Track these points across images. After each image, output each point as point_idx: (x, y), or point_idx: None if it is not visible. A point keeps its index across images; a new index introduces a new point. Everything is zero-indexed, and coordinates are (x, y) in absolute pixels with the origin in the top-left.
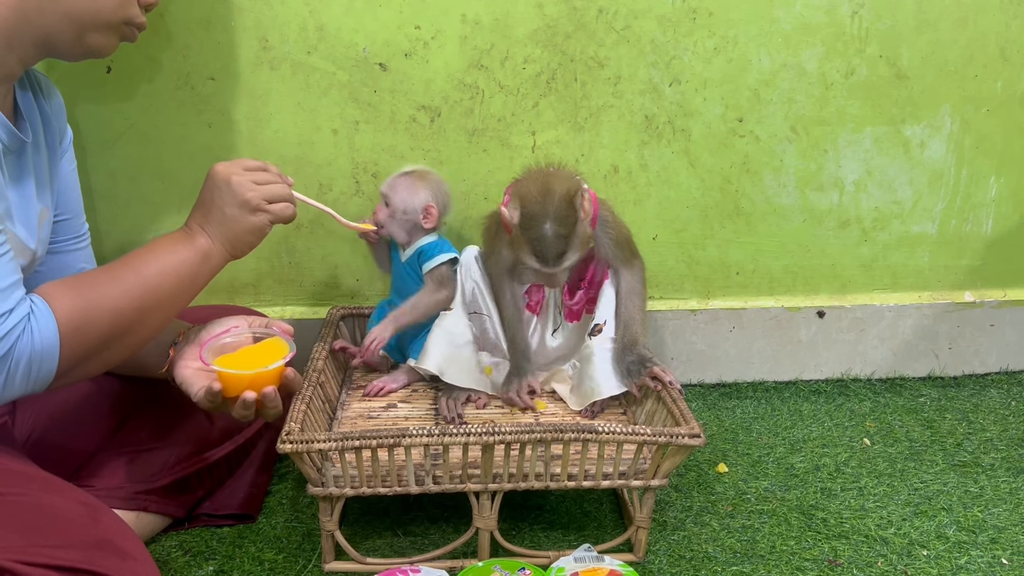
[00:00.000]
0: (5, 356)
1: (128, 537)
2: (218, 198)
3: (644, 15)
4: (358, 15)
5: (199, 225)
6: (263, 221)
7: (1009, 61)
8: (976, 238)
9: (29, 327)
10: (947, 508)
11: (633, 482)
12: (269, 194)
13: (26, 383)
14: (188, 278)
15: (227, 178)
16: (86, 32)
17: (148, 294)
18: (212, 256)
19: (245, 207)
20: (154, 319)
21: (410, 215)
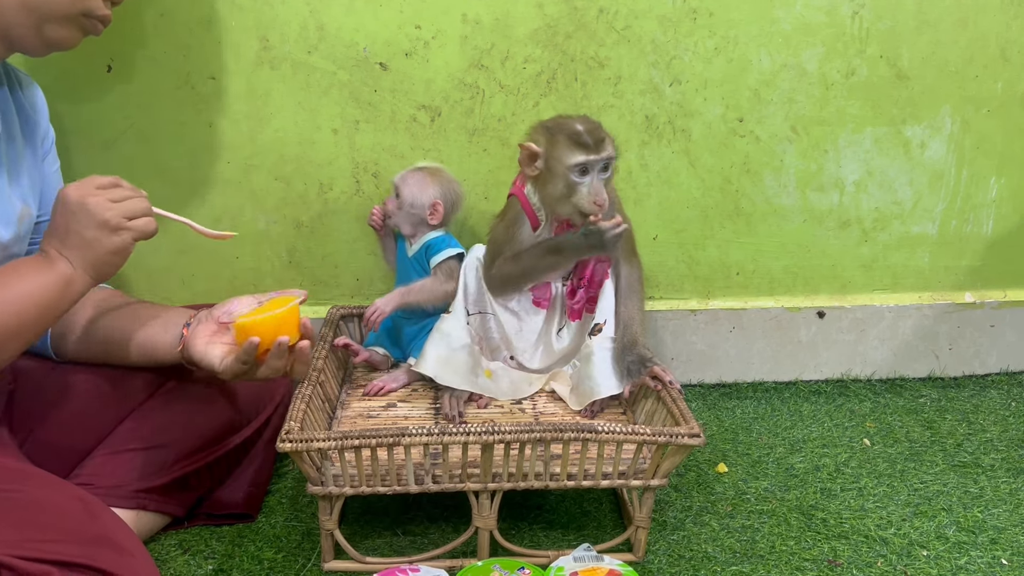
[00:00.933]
0: None
1: (125, 533)
2: (74, 222)
3: (645, 15)
4: (359, 15)
5: (57, 251)
6: (125, 240)
7: (1009, 62)
8: (976, 239)
9: None
10: (947, 508)
11: (633, 482)
12: (128, 211)
13: None
14: (49, 306)
15: (82, 200)
16: (44, 23)
17: (7, 320)
18: (74, 283)
19: (104, 227)
20: (12, 345)
21: (417, 210)
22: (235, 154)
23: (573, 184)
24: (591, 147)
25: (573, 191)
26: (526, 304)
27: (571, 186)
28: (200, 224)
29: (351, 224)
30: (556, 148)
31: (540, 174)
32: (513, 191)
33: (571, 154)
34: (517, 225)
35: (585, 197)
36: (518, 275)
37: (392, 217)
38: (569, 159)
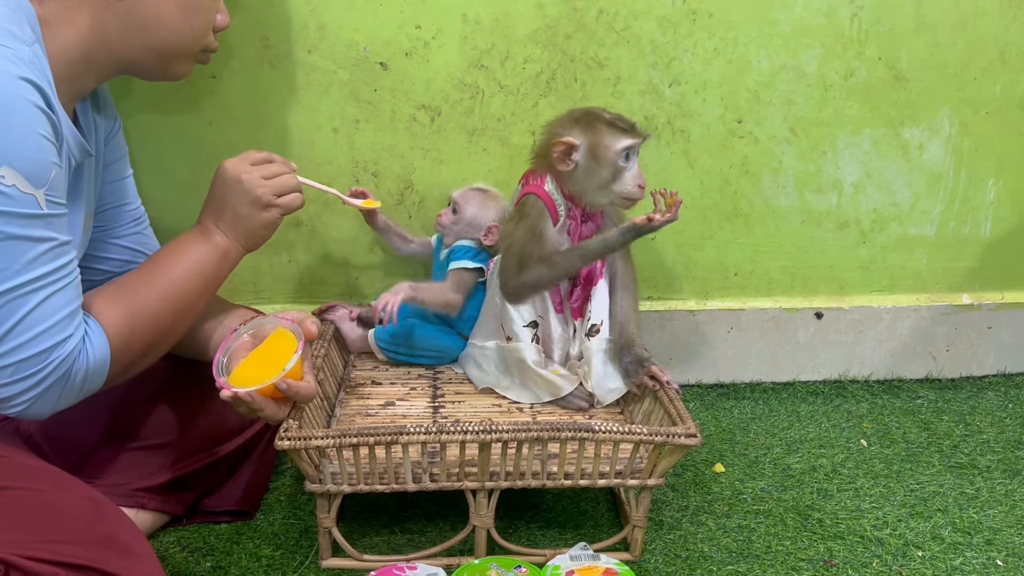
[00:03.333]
0: (63, 377)
1: (132, 534)
2: (230, 196)
3: (644, 16)
4: (359, 14)
5: (213, 223)
6: (274, 216)
7: (1008, 64)
8: (974, 240)
9: (84, 349)
10: (943, 509)
11: (629, 481)
12: (278, 187)
13: (79, 395)
14: (210, 277)
15: (237, 176)
16: (168, 62)
17: (179, 297)
18: (230, 253)
19: (256, 204)
20: (185, 320)
21: (474, 229)
22: (235, 152)
23: (619, 170)
24: (634, 131)
25: (617, 177)
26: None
27: (617, 172)
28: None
29: (350, 223)
30: (600, 136)
31: (575, 167)
32: (530, 190)
33: (618, 139)
34: (541, 224)
35: (629, 182)
36: (550, 279)
37: (443, 228)
38: (617, 144)
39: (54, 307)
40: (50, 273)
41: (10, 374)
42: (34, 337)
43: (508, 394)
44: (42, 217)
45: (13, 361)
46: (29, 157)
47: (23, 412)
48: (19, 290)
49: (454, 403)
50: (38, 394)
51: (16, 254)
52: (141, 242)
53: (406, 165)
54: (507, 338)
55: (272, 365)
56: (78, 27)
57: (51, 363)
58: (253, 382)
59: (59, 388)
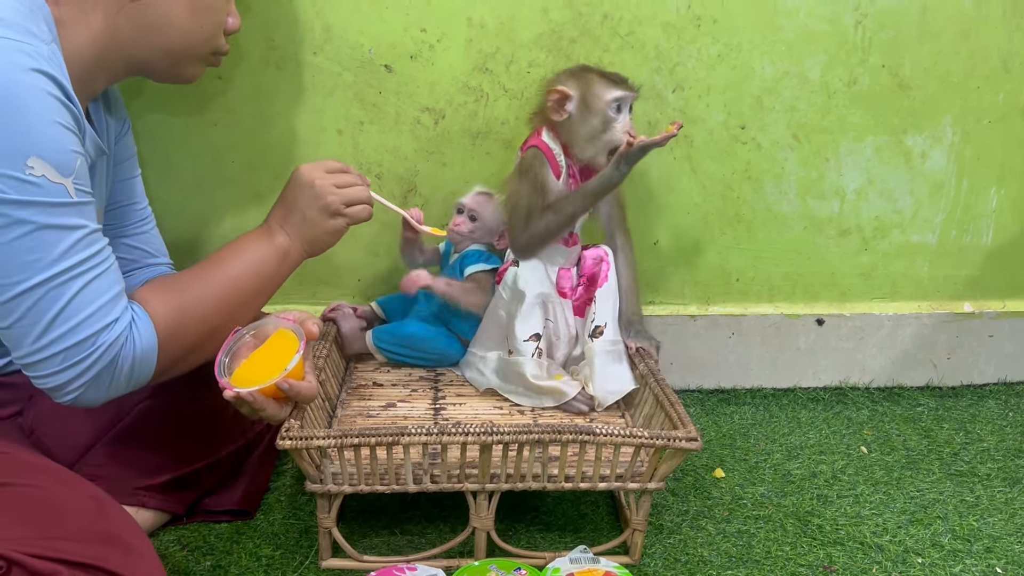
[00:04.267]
0: (111, 363)
1: (134, 532)
2: (300, 199)
3: (649, 21)
4: (364, 17)
5: (279, 224)
6: (341, 224)
7: (1011, 73)
8: (976, 249)
9: (131, 335)
10: (943, 517)
11: (630, 484)
12: (349, 198)
13: (128, 383)
14: (269, 276)
15: (311, 181)
16: (180, 64)
17: (234, 294)
18: (291, 255)
19: (325, 211)
20: (239, 317)
21: (491, 233)
22: (239, 153)
23: (608, 120)
24: (625, 83)
25: (607, 127)
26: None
27: (607, 122)
28: None
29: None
30: (592, 86)
31: (568, 117)
32: (531, 143)
33: (609, 90)
34: (543, 175)
35: (619, 132)
36: (560, 225)
37: (460, 237)
38: (608, 95)
39: (95, 293)
40: (87, 260)
41: (60, 362)
42: (79, 323)
43: (510, 397)
44: (73, 205)
45: (61, 349)
46: (55, 147)
47: (76, 400)
48: (58, 278)
49: (455, 405)
50: (88, 381)
51: (51, 243)
52: (148, 242)
53: (410, 167)
54: (509, 351)
55: (274, 365)
56: (91, 28)
57: (98, 348)
58: (255, 382)
59: (108, 375)
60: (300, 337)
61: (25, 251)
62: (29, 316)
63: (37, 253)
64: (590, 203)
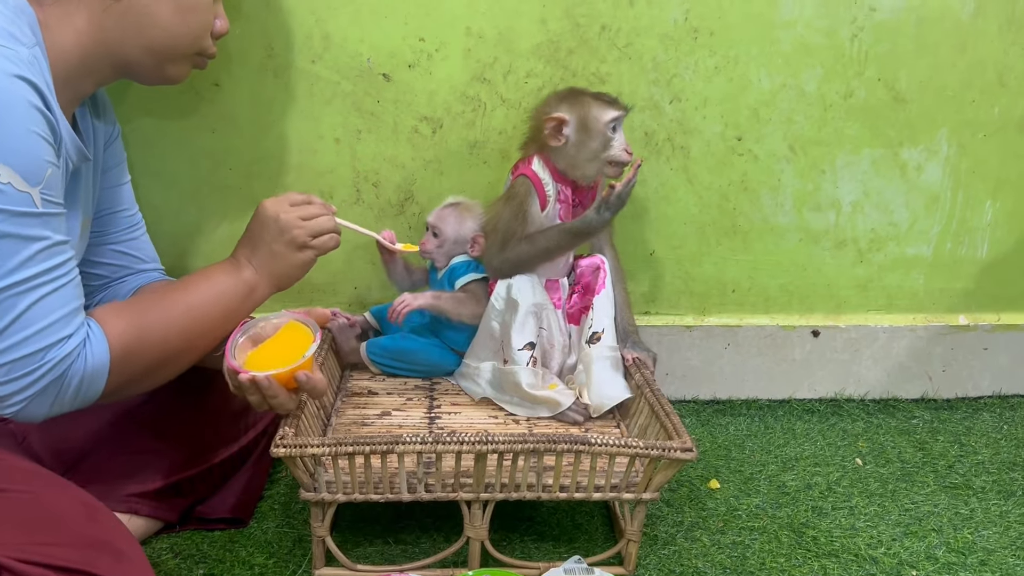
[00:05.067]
0: (59, 378)
1: (125, 538)
2: (266, 234)
3: (646, 33)
4: (363, 26)
5: (246, 259)
6: (309, 257)
7: (1006, 87)
8: (971, 262)
9: (84, 352)
10: (937, 529)
11: (625, 495)
12: (315, 229)
13: (73, 401)
14: (233, 309)
15: (275, 215)
16: (164, 64)
17: (195, 323)
18: (257, 290)
19: (292, 244)
20: (198, 347)
21: (459, 245)
22: (237, 160)
23: (607, 140)
24: (618, 103)
25: (607, 146)
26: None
27: (606, 141)
28: None
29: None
30: (588, 109)
31: (566, 143)
32: (522, 171)
33: (606, 111)
34: (528, 204)
35: (617, 148)
36: (533, 256)
37: (430, 255)
38: (606, 116)
39: (50, 307)
40: (45, 272)
41: (5, 373)
42: (29, 336)
43: (505, 406)
44: (37, 215)
45: (8, 360)
46: (25, 155)
47: (17, 414)
48: (13, 289)
49: (450, 414)
50: (32, 395)
51: (10, 252)
52: (137, 248)
53: (407, 176)
54: (504, 360)
55: (286, 355)
56: (77, 29)
57: (47, 363)
58: (269, 368)
59: (54, 391)
60: (315, 330)
61: None
62: None
63: None
64: (567, 242)
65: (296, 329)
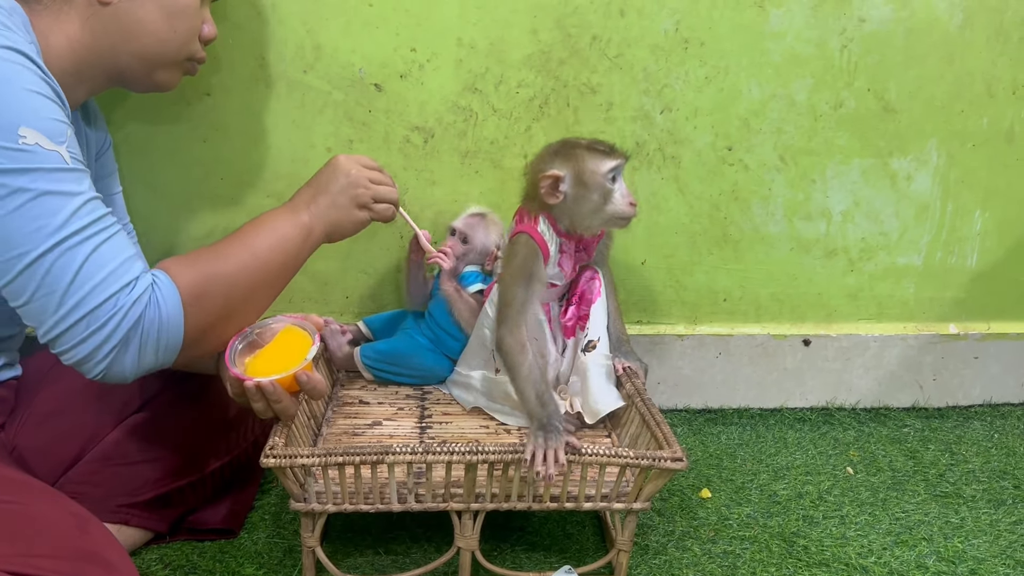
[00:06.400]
0: (136, 325)
1: (114, 549)
2: (333, 184)
3: (637, 43)
4: (355, 36)
5: (304, 204)
6: (365, 217)
7: (995, 98)
8: (961, 271)
9: (154, 297)
10: (928, 538)
11: (615, 505)
12: (379, 194)
13: (157, 351)
14: (293, 253)
15: (347, 170)
16: (154, 70)
17: (259, 266)
18: (313, 234)
19: (354, 200)
20: (264, 292)
21: (483, 254)
22: (228, 170)
23: (608, 191)
24: (614, 152)
25: (608, 198)
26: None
27: (606, 194)
28: None
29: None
30: (584, 163)
31: (564, 199)
32: (521, 229)
33: (602, 163)
34: (531, 263)
35: (619, 201)
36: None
37: (450, 260)
38: (603, 167)
39: (108, 255)
40: (93, 223)
41: (83, 330)
42: (96, 287)
43: (496, 416)
44: (71, 171)
45: (82, 315)
46: (43, 116)
47: (106, 372)
48: (66, 243)
49: (441, 424)
50: (114, 347)
51: (53, 209)
52: None
53: (399, 186)
54: (495, 370)
55: (287, 359)
56: (68, 36)
57: (120, 310)
58: (271, 374)
59: (136, 340)
60: (312, 332)
61: (28, 219)
62: (44, 287)
63: (40, 220)
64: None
65: (294, 333)
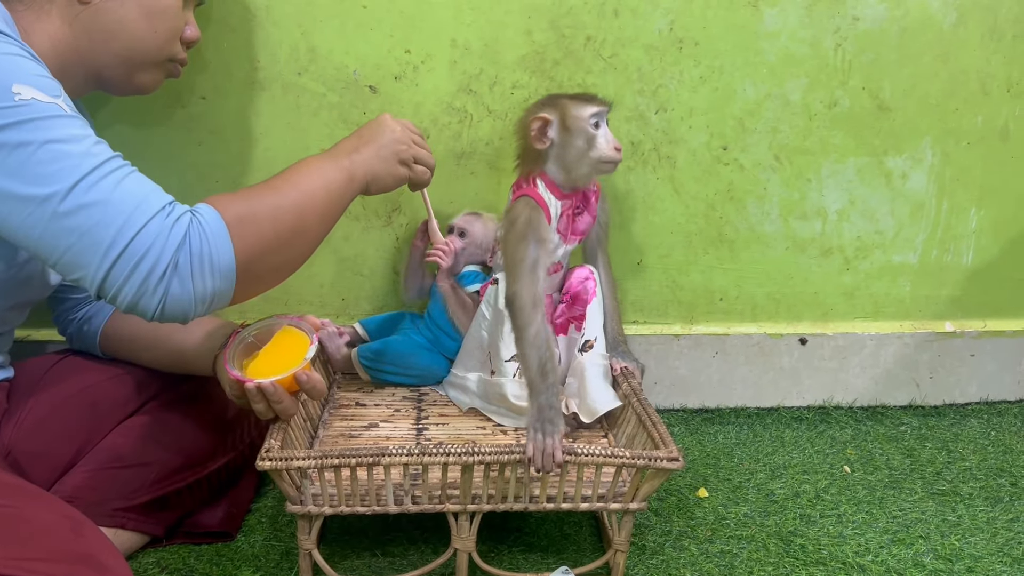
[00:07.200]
0: (181, 245)
1: (110, 552)
2: (379, 137)
3: (631, 44)
4: (349, 38)
5: (347, 152)
6: (404, 174)
7: (989, 96)
8: (957, 269)
9: (195, 220)
10: (925, 536)
11: (612, 505)
12: (420, 156)
13: (212, 278)
14: (335, 195)
15: (394, 127)
16: (135, 71)
17: (304, 202)
18: (355, 180)
19: (396, 156)
20: (312, 229)
21: (483, 250)
22: (224, 173)
23: (591, 136)
24: (598, 99)
25: (592, 143)
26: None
27: (590, 138)
28: None
29: (338, 244)
30: (568, 109)
31: (551, 144)
32: (521, 193)
33: (585, 108)
34: (535, 222)
35: (603, 145)
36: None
37: (449, 256)
38: (585, 112)
39: (133, 186)
40: (109, 160)
41: (127, 265)
42: (129, 217)
43: (493, 417)
44: (72, 117)
45: (121, 249)
46: (33, 73)
47: (165, 306)
48: (86, 180)
49: (438, 425)
50: (163, 275)
51: (64, 154)
52: None
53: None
54: (491, 371)
55: (285, 360)
56: (50, 35)
57: (161, 235)
58: (271, 375)
59: (187, 265)
60: (309, 332)
61: (42, 166)
62: (76, 231)
63: (55, 165)
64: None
65: (292, 334)
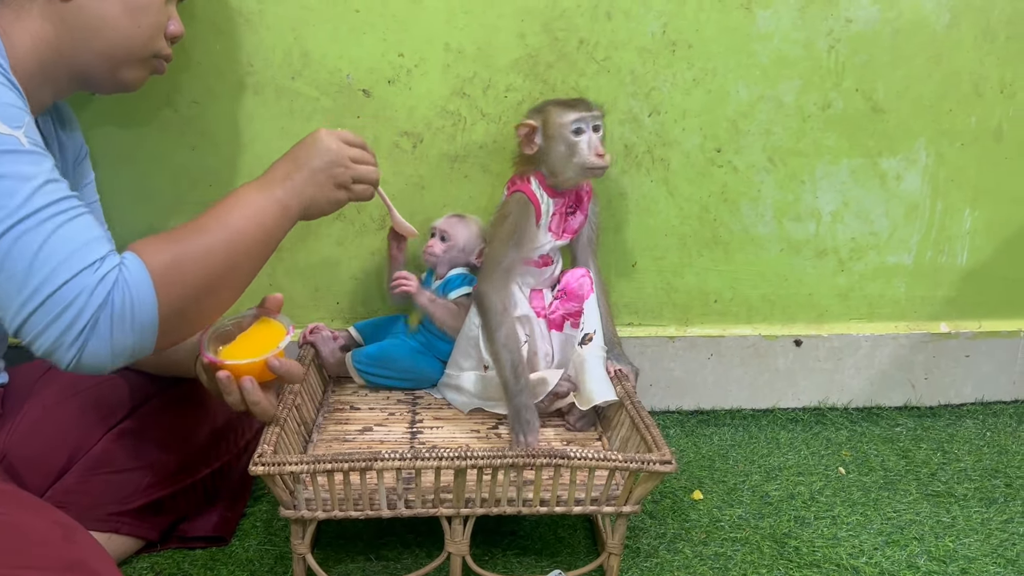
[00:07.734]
0: (104, 305)
1: (102, 558)
2: (313, 160)
3: (624, 46)
4: (343, 42)
5: (280, 179)
6: (342, 198)
7: (982, 97)
8: (951, 269)
9: (121, 276)
10: (919, 538)
11: (605, 508)
12: (359, 175)
13: (132, 333)
14: (270, 228)
15: (328, 146)
16: (119, 67)
17: (234, 242)
18: (290, 210)
19: (332, 180)
20: (242, 268)
21: (467, 253)
22: (217, 177)
23: (573, 143)
24: (580, 106)
25: (574, 149)
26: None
27: (571, 145)
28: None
29: (332, 248)
30: (551, 116)
31: (539, 150)
32: (515, 189)
33: (565, 114)
34: (523, 220)
35: (585, 152)
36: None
37: (436, 259)
38: (566, 119)
39: (69, 236)
40: (53, 203)
41: (46, 314)
42: (56, 267)
43: (495, 410)
44: (28, 153)
45: (43, 299)
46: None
47: (80, 359)
48: (24, 223)
49: (432, 429)
50: (83, 331)
51: (8, 192)
52: None
53: (388, 191)
54: (484, 367)
55: (260, 347)
56: (32, 33)
57: (84, 291)
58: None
59: (106, 322)
60: (286, 324)
61: None
62: (2, 272)
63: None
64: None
65: (269, 324)
